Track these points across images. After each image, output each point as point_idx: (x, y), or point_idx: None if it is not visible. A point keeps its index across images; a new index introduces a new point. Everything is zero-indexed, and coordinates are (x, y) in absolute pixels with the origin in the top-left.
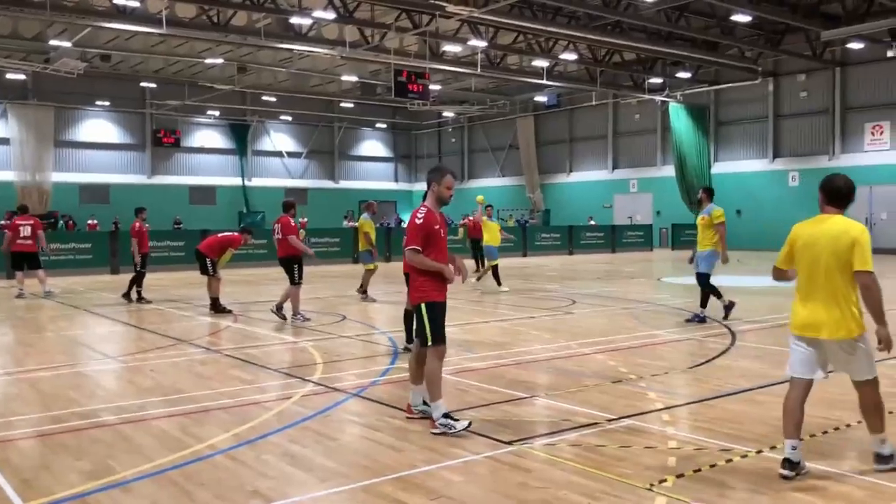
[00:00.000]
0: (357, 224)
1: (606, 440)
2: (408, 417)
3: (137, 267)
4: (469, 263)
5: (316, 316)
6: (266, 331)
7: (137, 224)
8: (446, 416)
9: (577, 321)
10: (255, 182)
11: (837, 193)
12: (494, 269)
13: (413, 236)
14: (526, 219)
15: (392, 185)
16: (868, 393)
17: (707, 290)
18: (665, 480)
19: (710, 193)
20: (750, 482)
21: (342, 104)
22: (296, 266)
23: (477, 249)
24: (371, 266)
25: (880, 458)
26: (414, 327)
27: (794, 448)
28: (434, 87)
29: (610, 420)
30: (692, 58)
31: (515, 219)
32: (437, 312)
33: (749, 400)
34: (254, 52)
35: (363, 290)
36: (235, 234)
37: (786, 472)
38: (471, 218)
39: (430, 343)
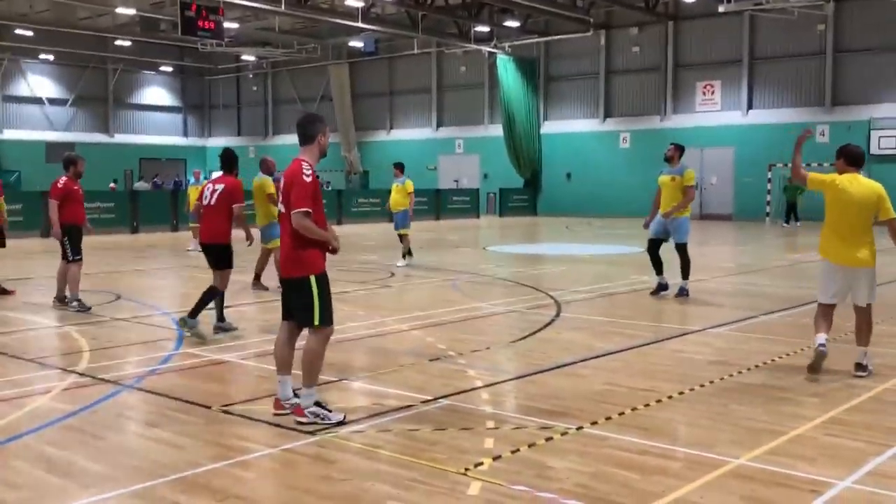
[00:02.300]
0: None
1: (420, 423)
2: (275, 414)
3: None
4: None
5: (84, 295)
6: (20, 314)
7: None
8: (318, 404)
9: (395, 295)
10: (8, 134)
11: (858, 157)
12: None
13: (302, 196)
14: (327, 180)
15: (180, 140)
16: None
17: (687, 258)
18: (481, 464)
19: (681, 150)
20: (569, 461)
21: (117, 42)
22: (66, 238)
23: None
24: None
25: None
26: (290, 304)
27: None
28: (230, 24)
29: (425, 402)
30: (521, 4)
31: (325, 181)
32: (326, 286)
33: (572, 374)
34: None
35: (258, 276)
36: None
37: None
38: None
39: (317, 323)
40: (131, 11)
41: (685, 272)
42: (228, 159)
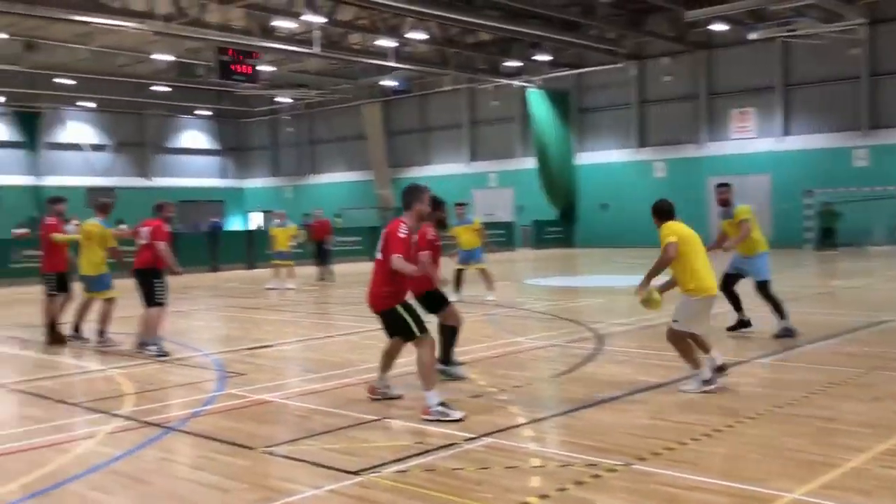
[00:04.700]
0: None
1: (464, 462)
2: (370, 398)
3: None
4: (313, 270)
5: (125, 338)
6: (64, 359)
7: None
8: (442, 404)
9: (432, 331)
10: (50, 181)
11: (670, 211)
12: (459, 273)
13: (398, 246)
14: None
15: (218, 182)
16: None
17: (773, 298)
18: (528, 503)
19: (731, 189)
20: (618, 499)
21: (155, 88)
22: (156, 281)
23: (322, 253)
24: (110, 294)
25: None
26: (391, 332)
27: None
28: (265, 68)
29: (468, 440)
30: (551, 39)
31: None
32: (411, 308)
33: (616, 408)
34: (45, 25)
35: (101, 328)
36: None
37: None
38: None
39: (417, 335)
40: (169, 57)
41: (780, 311)
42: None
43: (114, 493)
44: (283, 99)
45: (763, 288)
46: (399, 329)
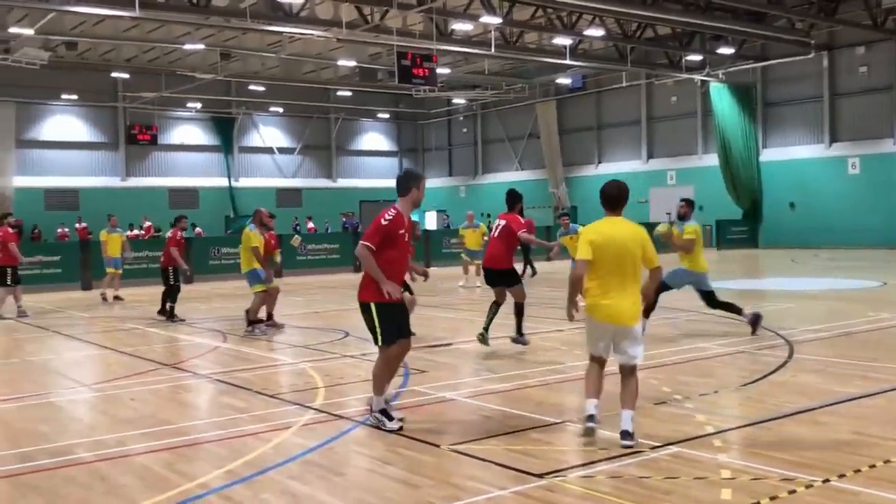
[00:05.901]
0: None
1: (650, 470)
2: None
3: (171, 280)
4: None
5: (314, 333)
6: (260, 351)
7: (178, 234)
8: (382, 412)
9: None
10: (243, 182)
11: (612, 199)
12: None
13: (371, 233)
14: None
15: None
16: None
17: (722, 307)
18: None
19: (692, 204)
20: None
21: (339, 93)
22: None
23: (525, 250)
24: (261, 287)
25: (628, 435)
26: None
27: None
28: (442, 70)
29: (654, 447)
30: (735, 31)
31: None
32: (388, 313)
33: (811, 421)
34: (238, 35)
35: (250, 318)
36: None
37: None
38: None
39: (380, 343)
40: (351, 63)
41: (736, 311)
42: (510, 198)
43: (310, 483)
44: (459, 100)
45: (708, 297)
46: (367, 327)
